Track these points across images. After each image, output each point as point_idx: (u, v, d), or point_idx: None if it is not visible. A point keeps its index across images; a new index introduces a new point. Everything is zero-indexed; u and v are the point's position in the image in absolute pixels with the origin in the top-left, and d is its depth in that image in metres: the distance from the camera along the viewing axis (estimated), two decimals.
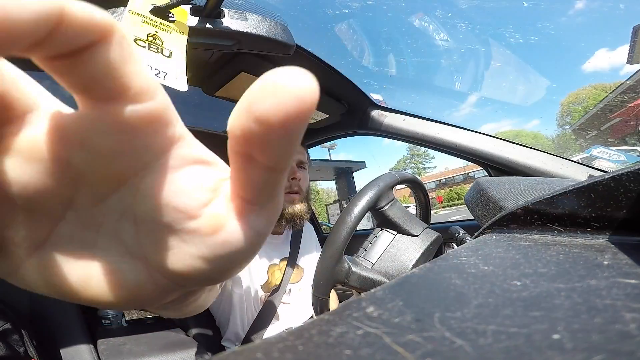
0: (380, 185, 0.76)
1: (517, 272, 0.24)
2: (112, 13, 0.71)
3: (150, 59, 0.65)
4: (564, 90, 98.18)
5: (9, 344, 0.89)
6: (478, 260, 0.29)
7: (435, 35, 22.53)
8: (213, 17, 0.76)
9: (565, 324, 0.15)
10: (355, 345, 0.16)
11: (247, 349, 0.16)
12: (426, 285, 0.25)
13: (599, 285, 0.19)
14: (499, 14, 33.31)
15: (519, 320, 0.16)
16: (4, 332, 0.89)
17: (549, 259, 0.27)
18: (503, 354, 0.13)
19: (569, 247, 0.29)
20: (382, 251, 0.79)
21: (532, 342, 0.14)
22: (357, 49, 2.27)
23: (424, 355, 0.14)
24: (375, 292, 0.24)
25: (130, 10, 0.65)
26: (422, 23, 25.15)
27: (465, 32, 25.56)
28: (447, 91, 27.05)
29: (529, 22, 32.51)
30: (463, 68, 29.73)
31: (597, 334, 0.14)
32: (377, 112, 1.36)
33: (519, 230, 0.38)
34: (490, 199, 0.55)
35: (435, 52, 33.94)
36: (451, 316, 0.18)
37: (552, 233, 0.34)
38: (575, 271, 0.23)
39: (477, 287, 0.22)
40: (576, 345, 0.13)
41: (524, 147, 1.13)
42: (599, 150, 1.28)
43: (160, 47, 0.67)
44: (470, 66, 29.64)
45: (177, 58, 0.69)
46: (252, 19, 0.80)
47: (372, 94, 1.39)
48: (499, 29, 30.55)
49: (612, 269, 0.22)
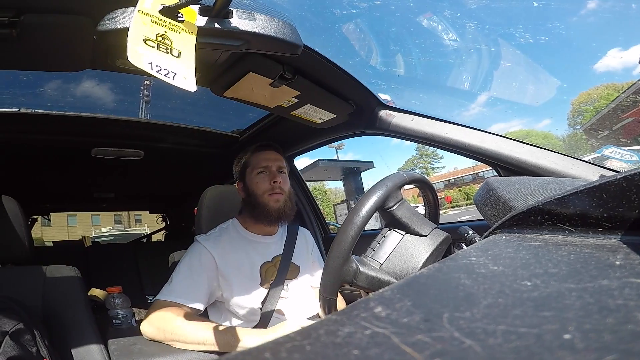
0: (388, 185, 0.76)
1: (528, 272, 0.24)
2: (122, 13, 0.72)
3: (160, 59, 0.66)
4: (575, 90, 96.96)
5: (21, 344, 0.90)
6: (487, 261, 0.28)
7: (444, 35, 22.37)
8: (221, 17, 0.76)
9: (576, 324, 0.15)
10: (363, 345, 0.15)
11: (256, 349, 0.16)
12: (435, 286, 0.25)
13: (611, 286, 0.19)
14: (508, 14, 32.85)
15: (529, 321, 0.16)
16: (17, 331, 0.90)
17: (560, 259, 0.26)
18: (513, 354, 0.13)
19: (581, 247, 0.29)
20: (390, 251, 0.78)
21: (543, 342, 0.14)
22: (365, 48, 2.28)
23: (433, 355, 0.14)
24: (384, 292, 0.24)
25: (140, 10, 0.66)
26: (430, 23, 25.15)
27: (474, 32, 25.33)
28: (456, 91, 26.74)
29: (539, 22, 32.12)
30: (472, 68, 29.47)
31: (609, 334, 0.14)
32: (385, 112, 1.36)
33: (529, 231, 0.38)
34: (500, 199, 0.55)
35: (444, 52, 33.80)
36: (460, 316, 0.17)
37: (563, 233, 0.34)
38: (587, 271, 0.22)
39: (486, 287, 0.22)
40: (588, 345, 0.13)
41: (534, 147, 1.12)
42: (610, 150, 1.27)
43: (170, 47, 0.68)
44: (480, 66, 29.47)
45: (186, 58, 0.69)
46: (260, 19, 0.80)
47: (380, 94, 1.39)
48: (508, 29, 30.23)
49: (624, 269, 0.22)
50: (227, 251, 1.28)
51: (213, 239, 1.31)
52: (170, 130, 1.72)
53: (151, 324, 1.12)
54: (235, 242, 1.33)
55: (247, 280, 1.27)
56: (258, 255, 1.34)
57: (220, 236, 1.32)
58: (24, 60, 0.89)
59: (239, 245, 1.33)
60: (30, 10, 0.71)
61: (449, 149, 1.26)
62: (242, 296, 1.25)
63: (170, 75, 0.66)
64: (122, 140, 1.71)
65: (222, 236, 1.33)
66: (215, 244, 1.28)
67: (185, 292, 1.17)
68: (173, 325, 1.09)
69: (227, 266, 1.25)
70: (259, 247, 1.36)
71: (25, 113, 1.36)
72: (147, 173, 2.38)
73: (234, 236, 1.35)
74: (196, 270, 1.21)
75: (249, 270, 1.29)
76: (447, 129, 1.23)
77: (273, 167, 1.36)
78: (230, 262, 1.26)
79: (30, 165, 1.96)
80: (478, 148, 1.18)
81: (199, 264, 1.23)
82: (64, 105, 1.58)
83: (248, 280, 1.27)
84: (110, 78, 1.71)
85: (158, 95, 1.79)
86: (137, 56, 0.63)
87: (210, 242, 1.28)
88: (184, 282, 1.19)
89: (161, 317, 1.11)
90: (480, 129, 1.21)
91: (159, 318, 1.11)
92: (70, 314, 1.16)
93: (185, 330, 1.07)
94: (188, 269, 1.22)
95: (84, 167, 2.06)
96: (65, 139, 1.61)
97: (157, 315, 1.12)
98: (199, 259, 1.24)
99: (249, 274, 1.28)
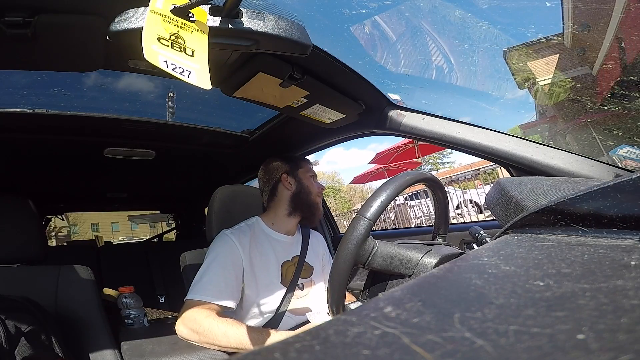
0: (406, 179, 0.75)
1: (540, 273, 0.24)
2: (134, 13, 0.73)
3: (175, 58, 0.66)
4: None
5: (36, 344, 0.90)
6: (499, 261, 0.28)
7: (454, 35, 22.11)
8: (231, 17, 0.76)
9: (590, 324, 0.15)
10: (372, 345, 0.15)
11: (265, 349, 0.16)
12: (446, 286, 0.25)
13: (625, 286, 0.19)
14: (520, 13, 32.72)
15: (541, 321, 0.16)
16: (32, 332, 0.91)
17: (573, 259, 0.26)
18: (525, 354, 0.13)
19: (594, 247, 0.28)
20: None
21: (556, 343, 0.13)
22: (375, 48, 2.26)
23: (444, 356, 0.14)
24: (394, 292, 0.24)
25: (152, 10, 0.66)
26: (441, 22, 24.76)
27: (485, 31, 25.38)
28: (468, 91, 26.77)
29: (552, 22, 31.87)
30: (484, 67, 29.29)
31: (624, 334, 0.13)
32: (396, 112, 1.35)
33: (542, 231, 0.37)
34: (512, 199, 0.54)
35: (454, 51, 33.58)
36: (471, 316, 0.17)
37: (577, 233, 0.33)
38: (601, 271, 0.22)
39: (498, 287, 0.21)
40: (602, 346, 0.13)
41: (547, 147, 1.10)
42: (625, 150, 1.24)
43: (183, 46, 0.68)
44: (492, 65, 29.21)
45: (200, 57, 0.70)
46: (270, 19, 0.81)
47: (390, 94, 1.38)
48: (520, 29, 30.18)
49: (639, 269, 0.21)
50: (253, 248, 1.31)
51: (241, 233, 1.32)
52: (181, 131, 1.73)
53: (185, 326, 1.11)
54: (260, 239, 1.36)
55: (270, 278, 1.30)
56: (280, 254, 1.38)
57: (247, 232, 1.35)
58: (38, 61, 0.90)
59: (264, 243, 1.36)
60: (43, 11, 0.72)
61: (461, 149, 1.25)
62: (264, 294, 1.27)
63: (185, 74, 0.66)
64: (134, 140, 1.73)
65: (249, 232, 1.35)
66: (243, 239, 1.30)
67: (216, 290, 1.17)
68: (204, 327, 1.07)
69: (253, 263, 1.27)
70: (281, 246, 1.40)
71: (40, 113, 1.38)
72: (158, 173, 2.40)
73: (258, 234, 1.38)
74: (226, 266, 1.22)
75: (273, 269, 1.32)
76: (459, 129, 1.22)
77: (316, 177, 1.53)
78: (256, 259, 1.29)
79: (44, 165, 1.98)
80: (490, 148, 1.17)
81: (228, 259, 1.23)
82: (77, 106, 1.60)
83: (271, 278, 1.30)
84: (123, 78, 1.73)
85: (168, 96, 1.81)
86: (152, 54, 0.63)
87: (238, 236, 1.30)
88: (215, 279, 1.19)
89: (193, 318, 1.10)
90: (492, 129, 1.19)
91: (191, 320, 1.10)
92: (84, 314, 1.18)
93: (216, 333, 1.06)
94: (218, 265, 1.22)
95: (97, 167, 2.09)
96: (79, 139, 1.63)
97: (189, 316, 1.11)
98: (228, 254, 1.25)
99: (273, 272, 1.32)
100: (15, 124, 1.42)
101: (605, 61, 2.56)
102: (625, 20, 2.04)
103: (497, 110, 2.51)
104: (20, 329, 0.90)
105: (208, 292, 1.16)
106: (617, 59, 2.47)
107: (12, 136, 1.49)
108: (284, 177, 1.46)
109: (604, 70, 2.58)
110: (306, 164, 1.53)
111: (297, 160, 1.53)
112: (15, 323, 0.90)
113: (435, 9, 1.91)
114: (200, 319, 1.09)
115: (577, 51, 2.69)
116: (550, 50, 2.73)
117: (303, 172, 1.48)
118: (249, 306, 1.26)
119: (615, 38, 2.32)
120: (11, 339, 0.86)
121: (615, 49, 2.43)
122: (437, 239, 0.96)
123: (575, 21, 2.34)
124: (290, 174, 1.47)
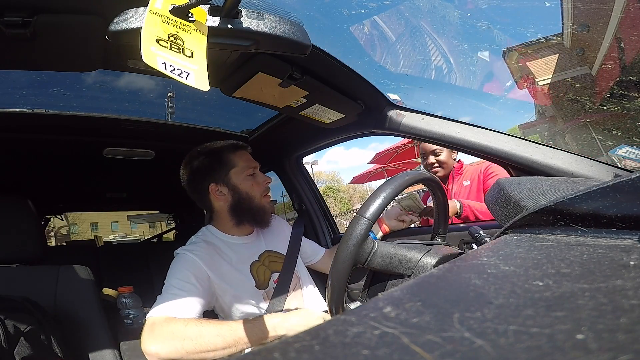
0: (405, 179, 0.75)
1: (539, 273, 0.24)
2: (134, 13, 0.73)
3: (173, 59, 0.66)
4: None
5: (36, 344, 0.90)
6: (499, 261, 0.28)
7: (454, 35, 21.91)
8: (231, 17, 0.76)
9: (589, 324, 0.15)
10: (372, 345, 0.15)
11: (265, 349, 0.16)
12: (445, 286, 0.25)
13: (625, 286, 0.19)
14: (519, 13, 32.39)
15: (541, 321, 0.16)
16: (31, 332, 0.91)
17: (573, 259, 0.26)
18: (525, 354, 0.13)
19: (594, 247, 0.28)
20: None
21: (555, 342, 0.13)
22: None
23: (443, 356, 0.14)
24: (393, 292, 0.24)
25: (151, 10, 0.66)
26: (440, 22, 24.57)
27: (485, 31, 25.05)
28: (468, 91, 26.51)
29: (551, 22, 31.63)
30: (483, 67, 28.96)
31: (623, 333, 0.13)
32: (395, 112, 1.34)
33: (541, 231, 0.37)
34: (511, 199, 0.54)
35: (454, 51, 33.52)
36: (471, 316, 0.17)
37: (576, 233, 0.33)
38: (600, 271, 0.22)
39: (497, 287, 0.21)
40: (601, 346, 0.13)
41: (547, 147, 1.10)
42: (625, 149, 1.24)
43: (182, 47, 0.68)
44: (491, 65, 28.86)
45: (199, 58, 0.70)
46: (269, 19, 0.80)
47: (389, 94, 1.38)
48: (520, 29, 29.89)
49: (639, 269, 0.21)
50: (215, 257, 1.22)
51: (196, 247, 1.22)
52: (181, 131, 1.73)
53: (163, 343, 0.96)
54: (218, 247, 1.28)
55: (241, 283, 1.24)
56: (244, 256, 1.31)
57: (200, 244, 1.25)
58: (37, 60, 0.90)
59: (225, 249, 1.28)
60: (43, 11, 0.72)
61: (460, 149, 1.25)
62: (241, 301, 1.21)
63: (183, 75, 0.66)
64: (134, 140, 1.73)
65: (203, 244, 1.25)
66: (200, 251, 1.20)
67: (180, 305, 1.06)
68: (190, 334, 0.96)
69: (219, 274, 1.19)
70: (243, 248, 1.33)
71: (39, 113, 1.38)
72: (158, 173, 2.40)
73: (215, 242, 1.29)
74: (189, 279, 1.12)
75: (241, 274, 1.26)
76: (458, 129, 1.22)
77: (257, 167, 1.35)
78: (223, 267, 1.22)
79: (43, 165, 1.98)
80: (489, 148, 1.17)
81: (190, 272, 1.13)
82: (76, 106, 1.60)
83: (242, 283, 1.24)
84: (123, 78, 1.73)
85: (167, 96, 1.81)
86: (151, 56, 0.63)
87: (193, 251, 1.20)
88: (181, 294, 1.08)
89: (170, 331, 0.97)
90: (491, 129, 1.19)
91: (169, 333, 0.97)
92: (83, 314, 1.17)
93: (207, 336, 0.97)
94: (180, 281, 1.11)
95: (96, 167, 2.08)
96: (78, 139, 1.63)
97: (165, 332, 0.98)
98: (190, 267, 1.15)
99: (242, 277, 1.25)
100: (15, 124, 1.42)
101: (605, 61, 2.57)
102: (624, 20, 2.04)
103: (496, 110, 2.52)
104: (19, 329, 0.90)
105: (176, 306, 1.05)
106: (617, 59, 2.48)
107: (12, 136, 1.49)
108: (213, 188, 1.29)
109: (603, 70, 2.58)
110: (238, 158, 1.31)
111: (223, 157, 1.31)
112: (14, 323, 0.90)
113: (435, 9, 1.92)
114: (181, 329, 0.97)
115: (576, 51, 2.69)
116: (550, 50, 2.74)
117: (236, 172, 1.29)
118: (230, 315, 1.21)
119: (615, 38, 2.32)
120: (10, 339, 0.86)
121: (615, 49, 2.43)
122: (436, 239, 0.97)
123: (574, 21, 2.34)
124: (219, 182, 1.29)
